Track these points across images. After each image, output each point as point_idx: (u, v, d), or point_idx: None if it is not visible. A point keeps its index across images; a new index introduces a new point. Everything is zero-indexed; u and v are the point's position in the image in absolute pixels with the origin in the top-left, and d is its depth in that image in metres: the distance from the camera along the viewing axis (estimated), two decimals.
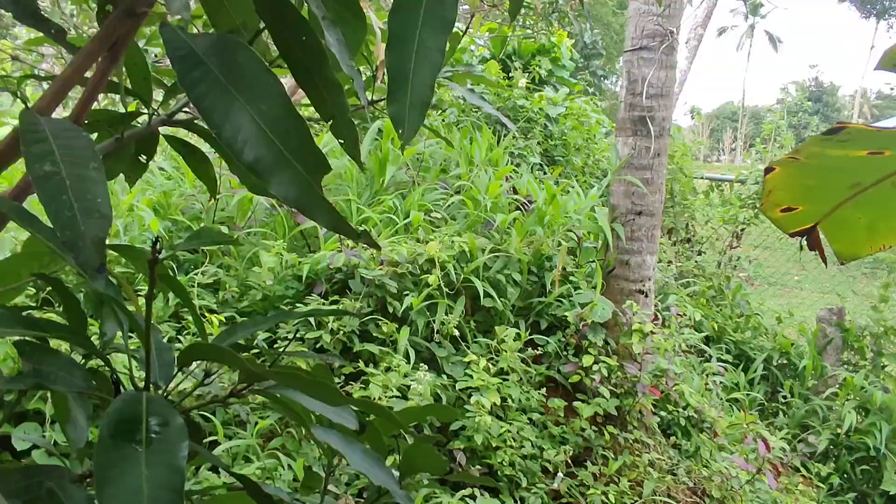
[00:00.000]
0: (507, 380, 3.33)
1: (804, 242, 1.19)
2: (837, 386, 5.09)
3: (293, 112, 0.81)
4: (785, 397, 5.25)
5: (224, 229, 3.66)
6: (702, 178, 7.38)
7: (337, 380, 3.01)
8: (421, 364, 3.17)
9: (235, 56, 0.82)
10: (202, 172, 1.52)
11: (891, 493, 4.52)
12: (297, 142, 0.81)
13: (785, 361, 5.56)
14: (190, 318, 3.07)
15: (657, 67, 3.72)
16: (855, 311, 5.96)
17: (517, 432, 3.18)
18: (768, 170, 1.10)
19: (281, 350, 1.38)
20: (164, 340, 2.85)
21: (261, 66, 0.82)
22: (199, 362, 0.98)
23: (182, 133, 1.42)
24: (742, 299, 6.08)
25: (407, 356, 3.20)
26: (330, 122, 1.06)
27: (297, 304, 3.24)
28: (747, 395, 5.06)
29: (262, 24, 1.22)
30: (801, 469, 4.49)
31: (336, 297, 3.28)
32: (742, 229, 6.71)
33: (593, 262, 4.00)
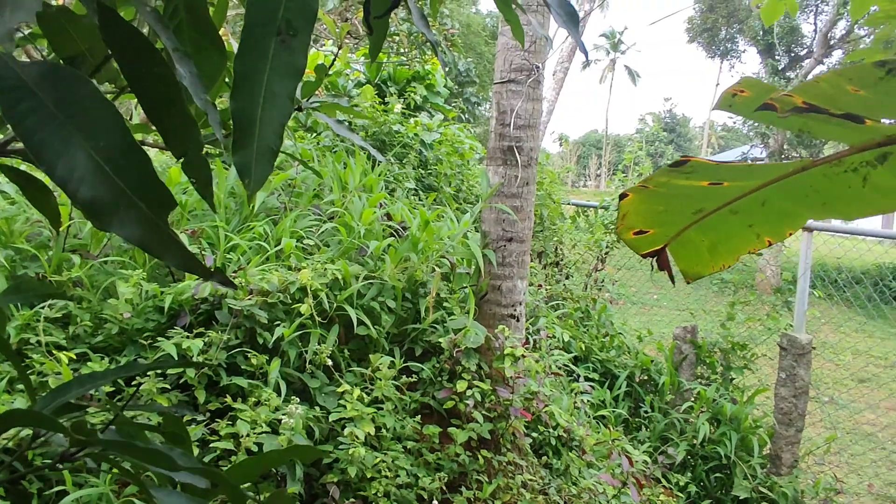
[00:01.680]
0: (382, 408, 3.30)
1: (656, 263, 1.27)
2: (693, 399, 5.46)
3: (134, 146, 0.76)
4: (646, 412, 5.56)
5: (76, 259, 3.39)
6: (569, 204, 7.73)
7: (201, 417, 2.85)
8: (293, 396, 3.07)
9: (70, 87, 0.76)
10: (42, 203, 1.40)
11: (741, 498, 4.88)
12: (139, 178, 0.76)
13: (646, 377, 5.90)
14: (35, 355, 2.80)
15: (525, 100, 3.87)
16: (706, 328, 6.42)
17: (392, 462, 3.15)
18: (622, 196, 1.18)
19: (129, 398, 1.28)
20: (4, 383, 2.55)
21: (98, 97, 0.76)
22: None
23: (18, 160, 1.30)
24: (607, 319, 6.41)
25: (278, 389, 3.10)
26: (181, 159, 1.01)
27: (158, 338, 3.05)
28: (613, 411, 5.31)
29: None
30: (662, 480, 4.76)
31: (201, 329, 3.12)
32: (606, 252, 7.08)
33: (466, 287, 4.06)
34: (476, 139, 7.71)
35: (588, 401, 4.96)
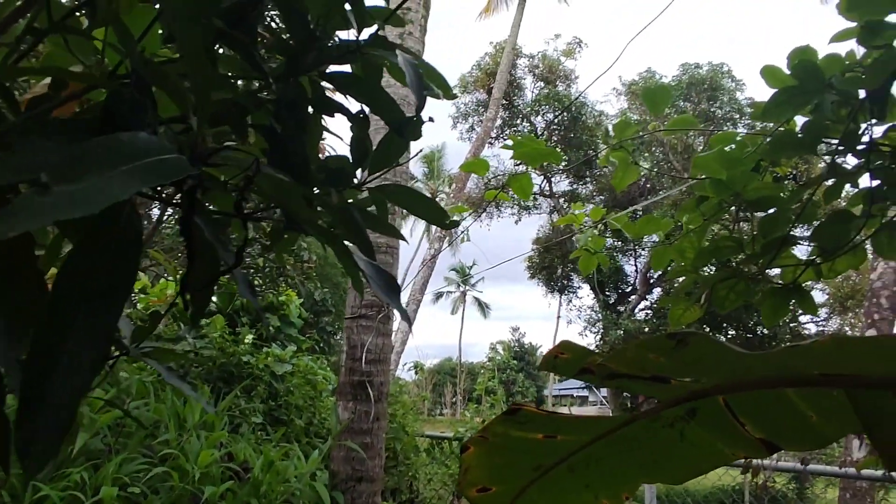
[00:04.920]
0: None
1: None
2: None
3: None
4: None
5: None
6: (423, 436, 7.61)
7: None
8: None
9: None
10: None
11: None
12: None
13: None
14: None
15: (375, 335, 3.93)
16: None
17: None
18: (464, 448, 1.14)
19: None
20: None
21: None
22: None
23: None
24: None
25: None
26: None
27: None
28: None
29: None
30: None
31: None
32: None
33: None
34: (330, 369, 7.61)
35: None
